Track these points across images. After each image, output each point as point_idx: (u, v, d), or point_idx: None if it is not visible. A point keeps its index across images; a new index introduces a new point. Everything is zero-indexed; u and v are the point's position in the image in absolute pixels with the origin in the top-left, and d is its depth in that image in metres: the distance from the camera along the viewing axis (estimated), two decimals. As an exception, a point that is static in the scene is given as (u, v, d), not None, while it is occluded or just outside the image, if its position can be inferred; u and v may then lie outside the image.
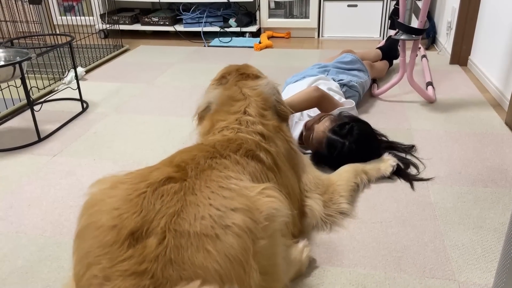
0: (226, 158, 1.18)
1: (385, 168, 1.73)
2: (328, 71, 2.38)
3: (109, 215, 0.94)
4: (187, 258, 0.88)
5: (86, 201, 1.02)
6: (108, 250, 0.89)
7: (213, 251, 0.89)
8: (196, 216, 0.93)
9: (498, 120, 2.20)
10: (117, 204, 0.96)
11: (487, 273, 1.26)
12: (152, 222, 0.92)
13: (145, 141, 2.11)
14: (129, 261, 0.87)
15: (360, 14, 3.82)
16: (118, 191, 1.00)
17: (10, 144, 2.08)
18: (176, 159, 1.13)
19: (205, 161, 1.12)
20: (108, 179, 1.07)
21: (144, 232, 0.91)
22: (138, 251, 0.88)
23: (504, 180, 1.70)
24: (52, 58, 3.17)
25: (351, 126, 1.73)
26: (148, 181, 1.01)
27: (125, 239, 0.89)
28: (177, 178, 1.03)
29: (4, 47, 2.27)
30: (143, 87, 2.84)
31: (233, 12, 4.09)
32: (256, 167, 1.22)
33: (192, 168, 1.07)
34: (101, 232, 0.92)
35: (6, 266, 1.34)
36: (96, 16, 4.09)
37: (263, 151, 1.30)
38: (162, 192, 0.98)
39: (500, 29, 2.47)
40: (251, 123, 1.37)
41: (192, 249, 0.89)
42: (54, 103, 2.59)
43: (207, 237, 0.90)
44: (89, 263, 0.90)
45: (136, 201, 0.96)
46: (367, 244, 1.39)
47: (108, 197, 0.98)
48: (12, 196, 1.69)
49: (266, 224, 0.97)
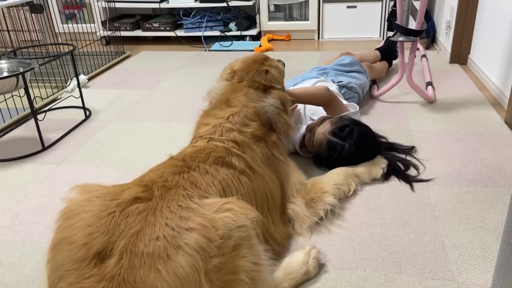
0: (194, 170, 1.21)
1: (376, 171, 1.75)
2: (327, 74, 2.39)
3: (82, 232, 1.00)
4: (139, 277, 0.92)
5: (63, 209, 1.07)
6: (77, 266, 0.95)
7: (163, 271, 0.92)
8: (151, 237, 0.97)
9: (497, 119, 2.21)
10: (90, 221, 1.01)
11: (486, 273, 1.27)
12: (115, 242, 0.97)
13: (148, 147, 2.13)
14: (90, 279, 0.93)
15: (360, 15, 3.84)
16: (93, 206, 1.05)
17: (14, 154, 2.11)
18: (145, 178, 1.17)
19: (172, 178, 1.16)
20: (86, 187, 1.12)
21: (108, 252, 0.96)
22: (100, 270, 0.94)
23: (504, 179, 1.71)
24: (54, 67, 3.20)
25: (351, 128, 1.75)
26: (118, 201, 1.06)
27: (93, 258, 0.95)
28: (143, 198, 1.07)
29: (7, 58, 2.30)
30: (145, 93, 2.87)
31: (233, 16, 4.11)
32: (227, 173, 1.25)
33: (158, 187, 1.11)
34: (74, 247, 0.98)
35: (13, 275, 1.37)
36: (98, 23, 4.13)
37: (235, 156, 1.33)
38: (128, 212, 1.03)
39: (499, 27, 2.48)
40: (227, 130, 1.41)
41: (145, 268, 0.93)
42: (58, 112, 2.62)
43: (159, 257, 0.94)
44: (61, 275, 0.96)
45: (105, 220, 1.01)
46: (367, 246, 1.40)
47: (84, 212, 1.04)
48: (18, 205, 1.72)
49: (221, 241, 0.99)
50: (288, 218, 1.49)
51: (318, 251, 1.32)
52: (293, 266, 1.27)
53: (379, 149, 1.85)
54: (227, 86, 1.59)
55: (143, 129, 2.33)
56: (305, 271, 1.27)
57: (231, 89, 1.58)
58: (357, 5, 3.80)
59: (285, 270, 1.26)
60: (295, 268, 1.27)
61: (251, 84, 1.59)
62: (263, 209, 1.34)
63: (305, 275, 1.27)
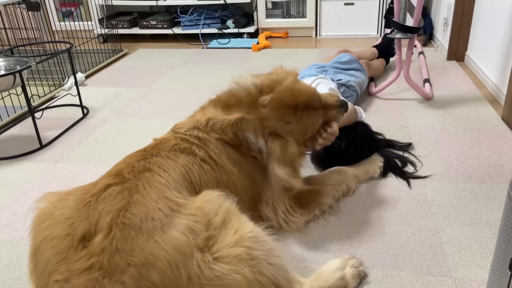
0: (156, 156, 1.22)
1: (373, 170, 1.74)
2: (326, 71, 2.39)
3: (62, 226, 1.01)
4: (137, 246, 0.95)
5: (34, 217, 1.07)
6: (65, 256, 0.96)
7: (161, 241, 0.96)
8: (147, 216, 1.00)
9: (494, 115, 2.22)
10: (69, 214, 1.03)
11: (483, 269, 1.28)
12: (97, 222, 0.99)
13: (146, 145, 2.13)
14: (79, 261, 0.94)
15: (357, 12, 3.84)
16: (68, 202, 1.07)
17: (12, 152, 2.11)
18: (112, 170, 1.19)
19: (138, 163, 1.18)
20: (54, 193, 1.13)
21: (92, 232, 0.98)
22: (87, 250, 0.96)
23: (501, 176, 1.72)
24: (52, 65, 3.20)
25: (349, 127, 1.75)
26: (91, 192, 1.08)
27: (78, 243, 0.97)
28: (116, 182, 1.10)
29: (4, 56, 2.29)
30: (142, 91, 2.86)
31: (231, 14, 4.11)
32: (187, 158, 1.24)
33: (128, 172, 1.13)
34: (57, 241, 0.99)
35: (12, 273, 1.37)
36: (95, 20, 4.12)
37: (195, 145, 1.28)
38: (104, 197, 1.05)
39: (496, 24, 2.48)
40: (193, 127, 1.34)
41: (143, 239, 0.96)
42: (55, 110, 2.62)
43: (156, 230, 0.98)
44: (50, 272, 0.96)
45: (83, 210, 1.03)
46: (364, 242, 1.41)
47: (58, 209, 1.05)
48: (16, 204, 1.72)
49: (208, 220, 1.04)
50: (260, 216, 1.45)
51: (358, 261, 1.27)
52: (327, 269, 1.24)
53: (377, 147, 1.85)
54: (245, 93, 1.35)
55: (141, 127, 2.33)
56: (341, 277, 1.22)
57: (244, 101, 1.35)
58: (354, 2, 3.80)
59: (318, 273, 1.24)
60: (328, 272, 1.23)
61: (260, 121, 1.33)
62: None
63: (341, 281, 1.22)
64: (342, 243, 1.42)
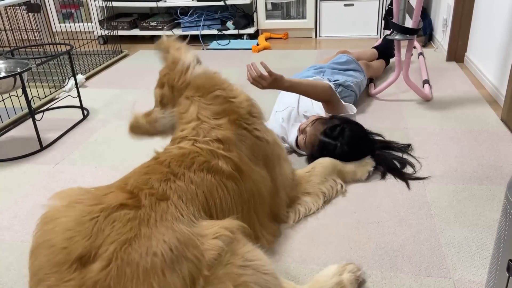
0: (180, 178, 1.17)
1: (361, 174, 1.75)
2: (323, 72, 2.40)
3: (62, 236, 0.97)
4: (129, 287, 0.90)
5: (42, 215, 1.06)
6: (57, 270, 0.93)
7: (156, 287, 0.90)
8: (149, 251, 0.94)
9: (493, 116, 2.22)
10: (70, 225, 0.99)
11: (482, 270, 1.28)
12: (100, 247, 0.94)
13: (146, 147, 2.13)
14: (70, 283, 0.90)
15: (357, 13, 3.84)
16: (73, 211, 1.03)
17: (12, 154, 2.12)
18: (130, 182, 1.14)
19: (159, 185, 1.13)
20: (67, 193, 1.10)
21: (91, 257, 0.93)
22: (81, 275, 0.91)
23: (499, 177, 1.72)
24: (52, 66, 3.20)
25: (342, 127, 1.76)
26: (102, 206, 1.03)
27: (74, 262, 0.93)
28: (130, 205, 1.04)
29: (5, 58, 2.30)
30: (143, 92, 2.87)
31: (231, 15, 4.12)
32: (212, 180, 1.22)
33: (146, 195, 1.08)
34: (53, 251, 0.96)
35: (12, 275, 1.37)
36: (95, 22, 4.12)
37: (221, 159, 1.28)
38: (114, 218, 1.00)
39: (496, 25, 2.49)
40: (208, 130, 1.34)
41: (138, 280, 0.90)
42: (55, 112, 2.63)
43: (155, 273, 0.92)
44: (39, 279, 0.94)
45: (87, 225, 0.98)
46: (364, 244, 1.41)
47: (63, 216, 1.02)
48: (16, 206, 1.73)
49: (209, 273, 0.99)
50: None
51: (356, 267, 1.27)
52: (324, 275, 1.24)
53: (372, 146, 1.85)
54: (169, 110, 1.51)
55: (141, 129, 2.33)
56: (337, 282, 1.21)
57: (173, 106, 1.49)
58: (354, 3, 3.81)
59: (314, 279, 1.24)
60: (325, 277, 1.23)
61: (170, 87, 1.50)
62: (249, 211, 1.31)
63: (338, 286, 1.21)
64: (341, 244, 1.42)
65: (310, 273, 1.31)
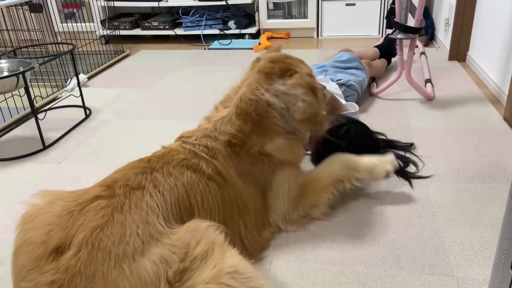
0: (158, 171, 1.17)
1: (378, 173, 1.52)
2: (326, 71, 2.40)
3: (41, 231, 1.00)
4: (100, 272, 0.91)
5: (23, 215, 1.08)
6: (37, 264, 0.95)
7: (127, 270, 0.92)
8: (121, 240, 0.96)
9: (496, 115, 2.22)
10: (50, 221, 1.02)
11: (485, 269, 1.28)
12: (73, 236, 0.97)
13: (148, 146, 2.14)
14: (47, 273, 0.93)
15: (359, 12, 3.84)
16: (54, 207, 1.06)
17: (15, 153, 2.12)
18: (108, 179, 1.17)
19: (135, 177, 1.14)
20: (50, 192, 1.13)
21: (67, 246, 0.96)
22: (56, 264, 0.94)
23: (502, 176, 1.72)
24: (54, 66, 3.21)
25: (348, 127, 1.75)
26: (79, 201, 1.06)
27: (51, 253, 0.96)
28: (105, 196, 1.07)
29: (8, 57, 2.31)
30: (144, 92, 2.87)
31: (232, 14, 4.12)
32: (193, 176, 1.20)
33: (120, 186, 1.10)
34: (33, 247, 0.98)
35: (16, 273, 1.38)
36: (97, 22, 4.13)
37: (203, 160, 1.25)
38: (88, 209, 1.03)
39: (497, 23, 2.49)
40: (204, 136, 1.33)
41: (108, 264, 0.92)
42: (58, 111, 2.63)
43: (125, 257, 0.94)
44: (22, 277, 0.96)
45: (64, 218, 1.01)
46: (367, 242, 1.41)
47: (44, 213, 1.04)
48: (19, 204, 1.73)
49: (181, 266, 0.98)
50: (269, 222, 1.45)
51: None
52: None
53: (377, 146, 1.85)
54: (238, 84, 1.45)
55: (143, 128, 2.34)
56: None
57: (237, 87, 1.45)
58: (356, 3, 3.80)
59: None
60: None
61: (262, 69, 1.38)
62: (233, 214, 1.28)
63: None
64: (344, 242, 1.42)
65: (312, 272, 1.31)
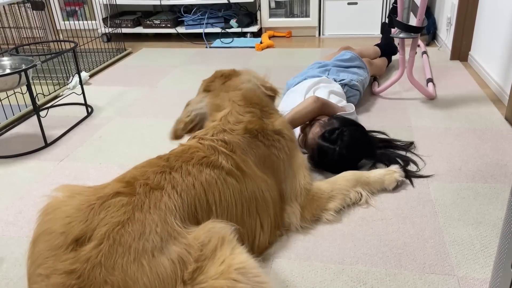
0: (176, 171, 1.19)
1: (389, 182, 1.64)
2: (328, 71, 2.40)
3: (61, 222, 1.03)
4: (119, 265, 0.94)
5: (44, 206, 1.11)
6: (55, 253, 0.98)
7: (146, 265, 0.95)
8: (141, 237, 1.00)
9: (498, 115, 2.22)
10: (70, 213, 1.04)
11: (486, 268, 1.29)
12: (94, 229, 1.00)
13: (150, 144, 2.15)
14: (65, 262, 0.95)
15: (361, 11, 3.84)
16: (73, 201, 1.08)
17: (17, 150, 2.13)
18: (127, 175, 1.19)
19: (154, 176, 1.16)
20: (70, 186, 1.15)
21: (87, 238, 0.99)
22: (76, 254, 0.96)
23: (504, 175, 1.72)
24: (56, 64, 3.22)
25: (340, 131, 1.72)
26: (99, 195, 1.08)
27: (70, 244, 0.98)
28: (125, 193, 1.09)
29: (10, 55, 2.31)
30: (146, 90, 2.88)
31: (234, 13, 4.12)
32: (212, 173, 1.22)
33: (140, 185, 1.13)
34: (52, 237, 1.01)
35: (18, 270, 1.38)
36: (99, 20, 4.13)
37: (222, 155, 1.29)
38: (109, 204, 1.06)
39: (500, 23, 2.49)
40: (219, 131, 1.38)
41: (128, 258, 0.95)
42: (60, 109, 2.63)
43: (145, 253, 0.97)
44: (39, 263, 0.99)
45: (84, 211, 1.04)
46: (368, 241, 1.42)
47: (64, 205, 1.07)
48: (21, 202, 1.74)
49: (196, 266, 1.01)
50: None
51: None
52: None
53: (372, 149, 1.83)
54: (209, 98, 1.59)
55: (145, 126, 2.34)
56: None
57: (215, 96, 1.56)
58: (358, 2, 3.80)
59: None
60: None
61: (224, 80, 1.60)
62: (251, 210, 1.29)
63: None
64: (345, 241, 1.42)
65: (314, 270, 1.31)
